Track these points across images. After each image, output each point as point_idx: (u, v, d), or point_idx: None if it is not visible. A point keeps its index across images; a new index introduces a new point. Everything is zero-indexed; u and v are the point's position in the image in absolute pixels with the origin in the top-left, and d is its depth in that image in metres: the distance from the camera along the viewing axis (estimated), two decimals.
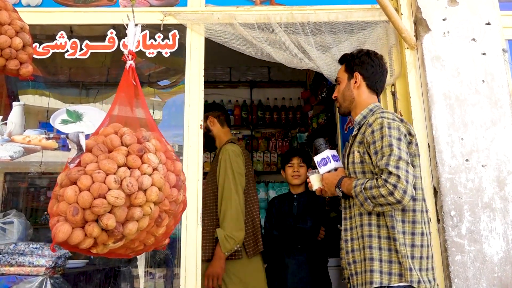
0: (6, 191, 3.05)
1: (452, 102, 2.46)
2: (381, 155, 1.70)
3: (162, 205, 1.13)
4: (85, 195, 1.04)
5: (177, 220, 1.26)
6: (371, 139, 1.76)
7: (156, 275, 2.90)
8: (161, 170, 1.14)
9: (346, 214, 1.86)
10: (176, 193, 1.17)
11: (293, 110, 5.46)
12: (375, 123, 1.79)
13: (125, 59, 1.36)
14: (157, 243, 1.28)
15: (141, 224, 1.08)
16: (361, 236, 1.76)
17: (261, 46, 2.58)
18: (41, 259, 2.23)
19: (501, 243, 2.26)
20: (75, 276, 2.43)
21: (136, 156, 1.12)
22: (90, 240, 1.06)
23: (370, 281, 1.68)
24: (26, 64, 1.47)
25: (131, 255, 1.28)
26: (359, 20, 2.66)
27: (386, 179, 1.63)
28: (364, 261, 1.73)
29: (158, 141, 1.23)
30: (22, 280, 2.15)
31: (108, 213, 1.04)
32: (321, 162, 1.87)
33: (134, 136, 1.18)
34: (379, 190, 1.63)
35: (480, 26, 2.58)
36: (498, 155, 2.38)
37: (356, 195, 1.72)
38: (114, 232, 1.05)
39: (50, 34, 2.65)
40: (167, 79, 3.12)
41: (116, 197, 1.03)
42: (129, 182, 1.05)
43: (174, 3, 2.73)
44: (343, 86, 2.00)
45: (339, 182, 1.81)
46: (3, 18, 1.40)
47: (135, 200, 1.06)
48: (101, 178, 1.06)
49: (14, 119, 2.74)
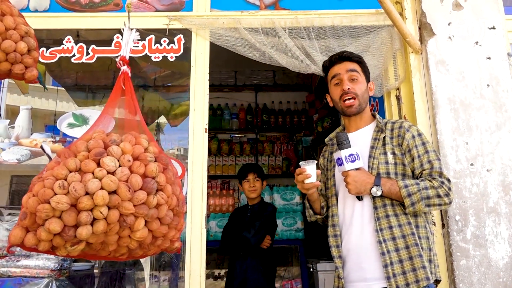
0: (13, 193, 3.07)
1: (457, 106, 2.46)
2: (428, 159, 1.80)
3: (123, 209, 1.10)
4: (31, 200, 1.09)
5: (166, 222, 1.21)
6: (413, 143, 1.83)
7: (160, 278, 2.91)
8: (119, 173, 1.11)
9: (377, 214, 1.80)
10: (143, 196, 1.13)
11: (298, 113, 5.47)
12: (412, 129, 1.88)
13: (119, 66, 1.39)
14: (162, 245, 1.27)
15: (96, 228, 1.07)
16: (401, 236, 1.74)
17: (266, 50, 2.59)
18: (47, 262, 2.25)
19: (506, 248, 2.25)
20: (80, 278, 2.45)
21: (90, 160, 1.12)
22: (44, 243, 1.09)
23: (426, 277, 1.68)
24: (31, 68, 1.47)
25: (136, 256, 1.29)
26: (363, 25, 2.67)
27: (443, 182, 1.74)
28: (411, 259, 1.71)
29: (138, 144, 1.22)
30: (28, 282, 2.17)
31: (53, 218, 1.06)
32: (348, 158, 1.77)
33: (100, 141, 1.18)
34: (437, 191, 1.72)
35: (485, 30, 2.57)
36: (503, 159, 2.37)
37: (408, 194, 1.72)
38: (64, 236, 1.06)
39: (57, 39, 2.68)
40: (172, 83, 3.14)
41: (57, 202, 1.05)
42: (72, 187, 1.06)
43: (179, 8, 2.76)
44: (364, 87, 1.95)
45: (378, 180, 1.77)
46: (8, 23, 1.42)
47: (79, 204, 1.06)
48: (49, 184, 1.09)
49: (21, 123, 2.77)
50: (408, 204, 1.73)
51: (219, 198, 4.65)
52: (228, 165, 5.27)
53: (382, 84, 2.60)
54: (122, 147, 1.18)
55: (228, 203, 4.62)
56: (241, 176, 3.29)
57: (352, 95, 1.90)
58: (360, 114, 1.95)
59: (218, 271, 3.96)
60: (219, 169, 5.24)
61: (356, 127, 1.97)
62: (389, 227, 1.77)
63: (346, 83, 1.91)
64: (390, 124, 1.93)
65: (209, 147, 4.98)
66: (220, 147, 5.36)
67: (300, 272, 4.08)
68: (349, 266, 1.82)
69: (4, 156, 2.62)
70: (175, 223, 1.26)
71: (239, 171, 3.37)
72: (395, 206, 1.78)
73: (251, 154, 5.34)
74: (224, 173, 5.23)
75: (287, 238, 4.21)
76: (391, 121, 1.96)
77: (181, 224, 1.29)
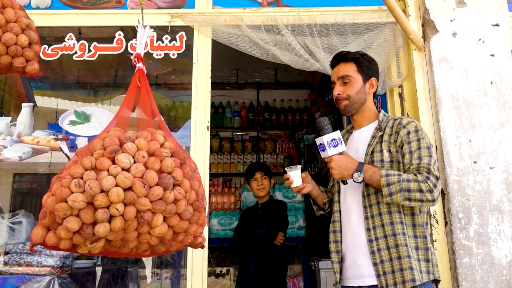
0: (15, 191, 3.08)
1: (460, 104, 2.45)
2: (419, 154, 1.75)
3: (139, 205, 1.10)
4: (50, 200, 1.10)
5: (186, 217, 1.20)
6: (407, 139, 1.80)
7: (162, 275, 2.91)
8: (134, 170, 1.11)
9: (370, 212, 1.79)
10: (159, 192, 1.12)
11: (300, 111, 5.46)
12: (409, 125, 1.84)
13: (134, 63, 1.39)
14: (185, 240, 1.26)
15: (114, 225, 1.07)
16: (392, 234, 1.73)
17: (268, 47, 2.58)
18: (49, 259, 2.25)
19: (509, 245, 2.24)
20: (82, 276, 2.45)
21: (105, 158, 1.12)
22: (65, 241, 1.10)
23: (412, 278, 1.66)
24: (32, 62, 1.46)
25: (158, 252, 1.29)
26: (366, 22, 2.66)
27: (428, 177, 1.68)
28: (399, 259, 1.69)
29: (154, 140, 1.22)
30: (30, 280, 2.17)
31: (71, 216, 1.07)
32: (331, 143, 1.76)
33: (115, 138, 1.18)
34: (419, 185, 1.66)
35: (488, 27, 2.56)
36: (507, 157, 2.36)
37: (387, 184, 1.69)
38: (82, 234, 1.07)
39: (58, 36, 2.67)
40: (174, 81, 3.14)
41: (74, 200, 1.06)
42: (88, 185, 1.07)
43: (181, 5, 2.75)
44: (358, 87, 1.93)
45: (360, 166, 1.75)
46: (9, 16, 1.41)
47: (95, 202, 1.06)
48: (66, 183, 1.10)
49: (23, 120, 2.77)
50: (386, 193, 1.69)
51: (220, 196, 4.65)
52: (229, 163, 5.27)
53: (385, 82, 2.59)
54: (137, 144, 1.17)
55: (229, 201, 4.62)
56: (248, 176, 3.31)
57: (342, 99, 1.93)
58: (360, 113, 1.96)
59: (220, 269, 3.96)
60: (220, 167, 5.24)
61: (360, 125, 1.98)
62: (382, 225, 1.76)
63: (336, 89, 1.94)
64: (392, 121, 1.92)
65: (211, 145, 4.95)
66: (222, 145, 5.36)
67: (302, 270, 4.08)
68: (347, 263, 1.84)
69: (6, 153, 2.62)
70: (196, 218, 1.24)
71: (246, 171, 3.39)
72: (390, 204, 1.76)
73: (252, 152, 5.34)
74: (225, 171, 5.23)
75: (289, 236, 4.21)
76: (393, 118, 1.95)
77: (202, 219, 1.28)
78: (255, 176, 3.24)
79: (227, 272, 3.95)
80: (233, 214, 4.37)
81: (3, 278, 2.18)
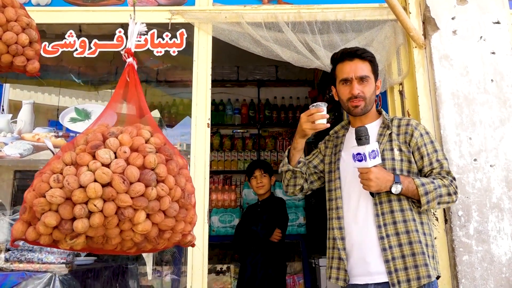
0: (16, 188, 3.08)
1: (461, 101, 2.45)
2: (437, 157, 1.83)
3: (119, 201, 1.07)
4: (29, 195, 1.10)
5: (171, 215, 1.18)
6: (422, 141, 1.85)
7: (163, 272, 2.91)
8: (114, 165, 1.09)
9: (381, 209, 1.79)
10: (140, 188, 1.09)
11: (301, 109, 5.45)
12: (419, 127, 1.90)
13: (124, 58, 1.38)
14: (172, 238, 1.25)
15: (92, 221, 1.06)
16: (405, 232, 1.74)
17: (269, 45, 2.58)
18: (50, 256, 2.25)
19: (509, 243, 2.25)
20: (83, 272, 2.45)
21: (86, 153, 1.11)
22: (45, 236, 1.09)
23: (427, 274, 1.69)
24: (33, 61, 1.46)
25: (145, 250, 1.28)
26: (367, 19, 2.65)
27: (452, 180, 1.79)
28: (413, 255, 1.71)
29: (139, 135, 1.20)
30: (31, 276, 2.17)
31: (49, 211, 1.06)
32: (371, 154, 1.70)
33: (98, 134, 1.17)
34: (448, 189, 1.76)
35: (489, 25, 2.55)
36: (507, 155, 2.36)
37: (425, 193, 1.73)
38: (61, 230, 1.06)
39: (59, 33, 2.67)
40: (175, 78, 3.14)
41: (51, 196, 1.05)
42: (66, 180, 1.06)
43: (182, 2, 2.74)
44: (372, 88, 1.91)
45: (397, 178, 1.74)
46: (9, 15, 1.41)
47: (73, 197, 1.05)
48: (45, 178, 1.09)
49: (24, 117, 2.77)
50: (424, 202, 1.73)
51: (221, 193, 4.65)
52: (230, 161, 5.28)
53: (385, 79, 2.59)
54: (120, 139, 1.15)
55: (230, 198, 4.62)
56: (248, 174, 3.35)
57: (360, 99, 1.87)
58: (366, 114, 1.95)
59: (220, 266, 3.97)
60: (221, 165, 5.25)
61: (361, 123, 1.94)
62: (393, 222, 1.76)
63: (355, 87, 1.86)
64: (397, 120, 1.93)
65: (211, 142, 4.98)
66: (223, 142, 5.37)
67: (302, 268, 4.09)
68: (353, 260, 1.81)
69: (7, 150, 2.63)
70: (183, 215, 1.22)
71: (247, 168, 3.43)
72: (402, 201, 1.77)
73: (253, 150, 5.34)
74: (226, 168, 5.24)
75: (289, 233, 4.21)
76: (398, 118, 1.96)
77: (190, 217, 1.26)
78: (255, 174, 3.28)
79: (228, 269, 3.96)
80: (234, 212, 4.38)
81: (4, 274, 2.19)
